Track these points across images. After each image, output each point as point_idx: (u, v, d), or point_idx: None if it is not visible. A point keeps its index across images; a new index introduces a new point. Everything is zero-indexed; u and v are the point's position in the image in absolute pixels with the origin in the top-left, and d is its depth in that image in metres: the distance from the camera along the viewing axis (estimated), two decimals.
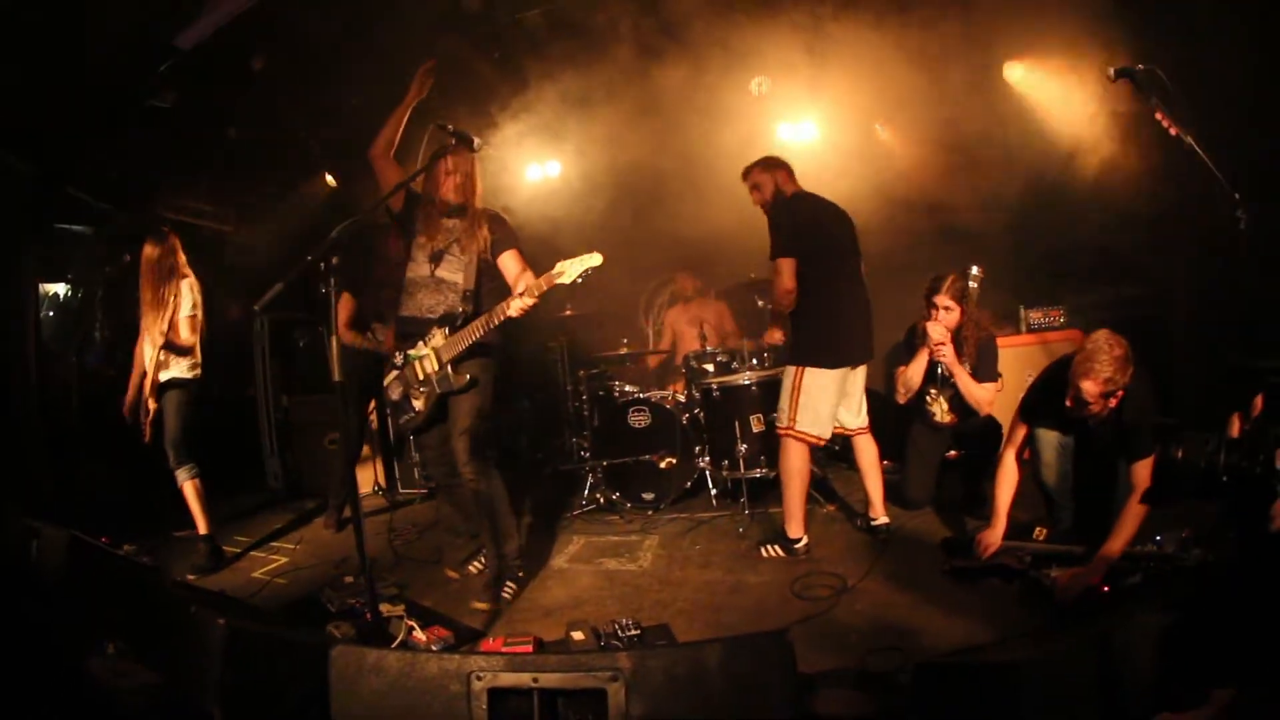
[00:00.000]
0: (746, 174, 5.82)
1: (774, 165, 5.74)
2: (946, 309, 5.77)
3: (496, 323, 4.60)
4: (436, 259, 5.02)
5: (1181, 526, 4.12)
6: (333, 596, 4.94)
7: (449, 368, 4.80)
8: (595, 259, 4.39)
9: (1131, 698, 2.54)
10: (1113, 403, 4.24)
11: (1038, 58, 7.35)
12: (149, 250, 6.05)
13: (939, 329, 5.76)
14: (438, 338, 4.88)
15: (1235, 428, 2.09)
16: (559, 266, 4.41)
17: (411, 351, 4.97)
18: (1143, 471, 4.20)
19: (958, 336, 5.81)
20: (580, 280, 4.37)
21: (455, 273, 5.01)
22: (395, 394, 5.15)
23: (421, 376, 4.94)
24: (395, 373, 5.11)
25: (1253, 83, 5.58)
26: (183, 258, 6.17)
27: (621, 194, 8.73)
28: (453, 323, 4.86)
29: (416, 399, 5.02)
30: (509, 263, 5.00)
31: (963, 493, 6.09)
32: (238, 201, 9.35)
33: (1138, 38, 5.61)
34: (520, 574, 5.25)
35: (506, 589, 5.07)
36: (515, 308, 4.50)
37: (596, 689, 2.42)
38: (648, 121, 7.91)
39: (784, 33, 7.40)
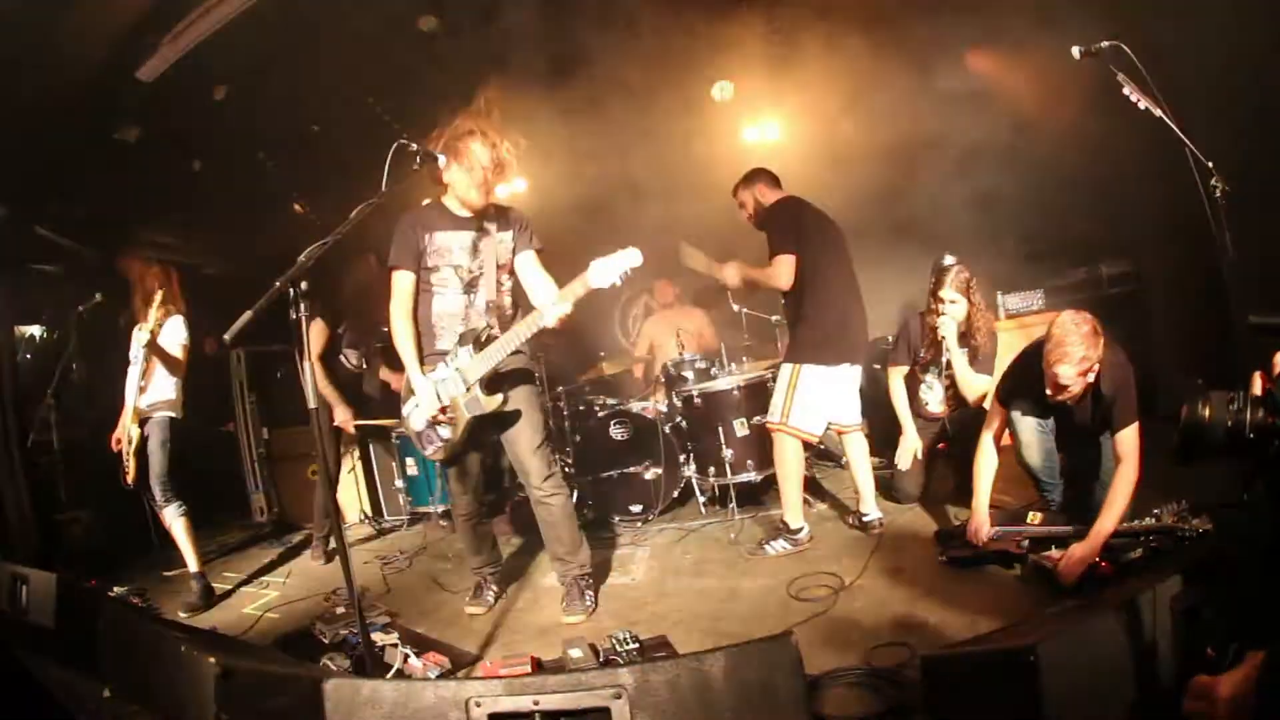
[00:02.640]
0: (734, 194, 5.90)
1: (750, 180, 5.82)
2: (952, 302, 5.76)
3: (530, 334, 4.41)
4: (471, 285, 4.79)
5: (1178, 497, 4.11)
6: (325, 629, 4.85)
7: (478, 389, 4.57)
8: (633, 257, 4.13)
9: (1166, 664, 2.52)
10: (1090, 379, 4.23)
11: (1001, 42, 7.34)
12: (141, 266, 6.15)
13: (949, 323, 5.77)
14: (462, 356, 4.62)
15: (1258, 385, 2.08)
16: (593, 267, 4.17)
17: (433, 374, 4.72)
18: (1127, 441, 4.20)
19: (968, 328, 5.82)
20: (619, 283, 4.17)
21: (482, 298, 4.78)
22: (418, 424, 4.86)
23: (447, 401, 4.68)
24: (415, 400, 4.82)
25: (1219, 51, 5.60)
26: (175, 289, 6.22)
27: (589, 207, 8.67)
28: (477, 340, 4.60)
29: (444, 427, 4.76)
30: (528, 265, 4.84)
31: (953, 484, 6.08)
32: (207, 235, 9.31)
33: (1102, 13, 5.61)
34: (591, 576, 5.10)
35: (588, 596, 4.92)
36: (553, 316, 4.27)
37: (600, 707, 2.38)
38: (612, 131, 7.88)
39: (744, 35, 7.40)
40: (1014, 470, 5.02)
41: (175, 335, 6.07)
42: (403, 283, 4.78)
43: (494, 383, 4.63)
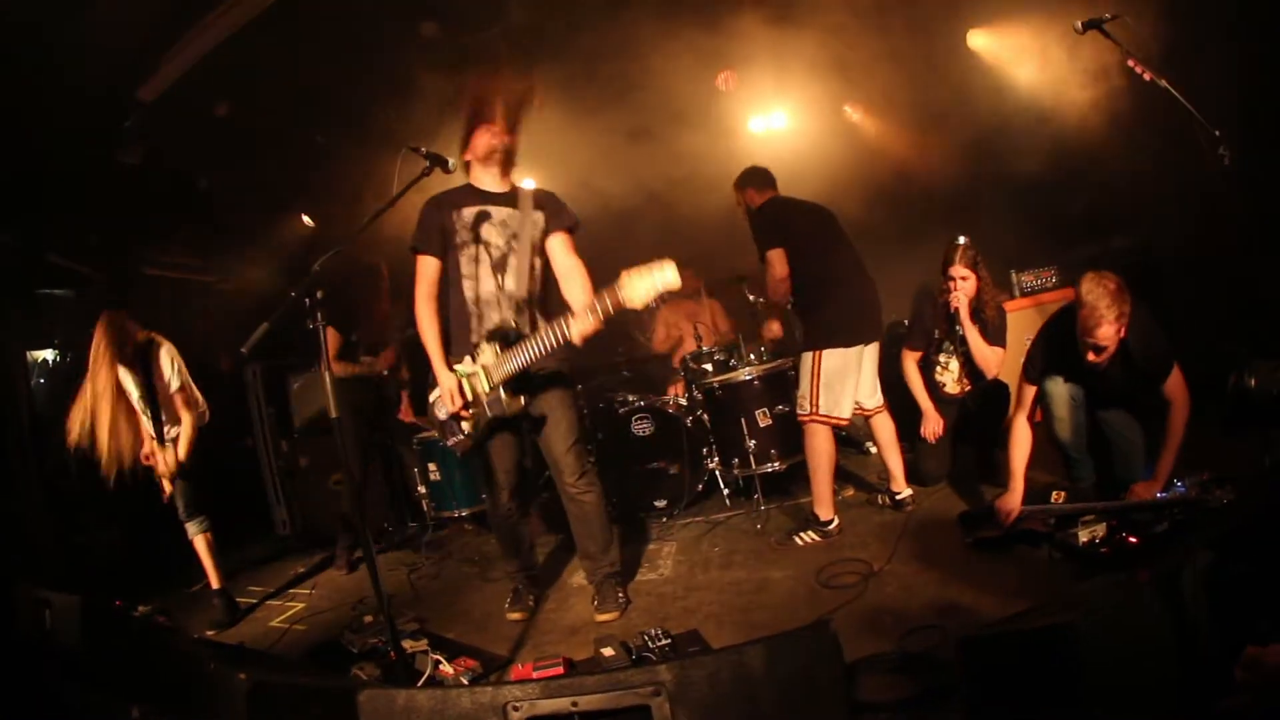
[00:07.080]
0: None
1: (742, 184, 5.95)
2: (963, 278, 5.84)
3: (551, 347, 4.22)
4: (501, 266, 4.64)
5: (1200, 469, 4.10)
6: (353, 638, 4.82)
7: (501, 390, 4.46)
8: (669, 275, 3.76)
9: (1211, 636, 2.49)
10: (1122, 333, 4.24)
11: (1001, 20, 7.32)
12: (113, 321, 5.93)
13: (961, 298, 5.86)
14: (487, 354, 4.48)
15: None
16: (625, 281, 3.82)
17: (459, 367, 4.60)
18: (1175, 387, 4.26)
19: (977, 303, 5.89)
20: (655, 306, 3.96)
21: (513, 279, 4.64)
22: (441, 413, 4.74)
23: (470, 396, 4.58)
24: (439, 390, 4.69)
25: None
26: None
27: (601, 204, 8.64)
28: (504, 338, 4.46)
29: (465, 421, 4.68)
30: (560, 248, 4.74)
31: (976, 463, 6.07)
32: (217, 251, 9.32)
33: None
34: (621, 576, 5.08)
35: (620, 593, 4.87)
36: (577, 333, 4.08)
37: (639, 706, 2.35)
38: (620, 128, 7.85)
39: (745, 24, 7.37)
40: (1038, 450, 5.00)
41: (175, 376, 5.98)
42: (427, 268, 4.68)
43: (522, 385, 4.54)
